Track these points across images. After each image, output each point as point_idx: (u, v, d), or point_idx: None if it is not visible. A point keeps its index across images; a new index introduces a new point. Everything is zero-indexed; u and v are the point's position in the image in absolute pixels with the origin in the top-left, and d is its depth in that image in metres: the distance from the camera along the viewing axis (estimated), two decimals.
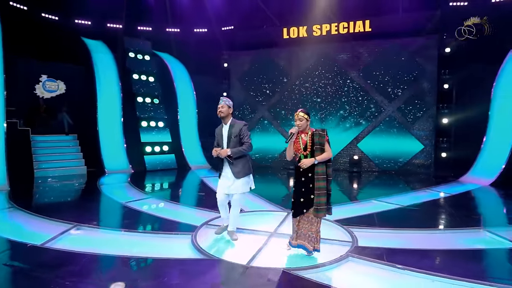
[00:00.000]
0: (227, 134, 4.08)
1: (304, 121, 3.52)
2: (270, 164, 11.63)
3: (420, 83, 9.90)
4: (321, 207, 3.46)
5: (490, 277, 3.29)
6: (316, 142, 3.45)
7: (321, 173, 3.46)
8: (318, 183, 3.46)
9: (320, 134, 3.48)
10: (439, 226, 5.00)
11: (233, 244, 4.11)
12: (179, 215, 5.35)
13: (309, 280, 3.15)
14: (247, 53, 11.70)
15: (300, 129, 3.57)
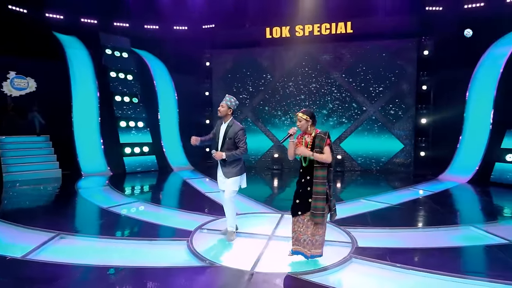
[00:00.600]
0: (223, 133, 4.04)
1: (303, 121, 3.42)
2: (254, 164, 11.53)
3: (400, 85, 10.19)
4: (318, 212, 3.34)
5: (489, 273, 3.38)
6: (316, 145, 3.35)
7: (320, 177, 3.33)
8: (317, 187, 3.34)
9: (322, 137, 3.36)
10: (430, 224, 5.11)
11: (232, 249, 3.98)
12: (168, 219, 5.13)
13: (317, 284, 3.09)
14: (229, 52, 11.53)
15: (302, 130, 3.49)
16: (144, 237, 4.26)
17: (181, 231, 4.51)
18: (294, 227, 3.59)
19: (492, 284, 3.10)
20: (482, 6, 10.19)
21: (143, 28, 12.32)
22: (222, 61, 11.58)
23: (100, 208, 5.82)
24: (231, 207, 4.17)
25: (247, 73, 11.40)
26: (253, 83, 11.37)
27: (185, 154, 11.26)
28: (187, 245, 3.98)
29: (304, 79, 10.98)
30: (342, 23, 10.81)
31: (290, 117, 11.13)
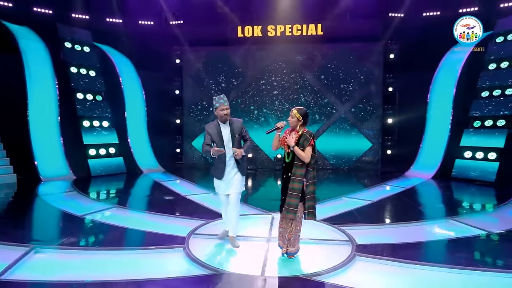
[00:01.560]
0: (229, 133, 3.85)
1: (295, 119, 3.51)
2: None
3: (369, 86, 10.66)
4: (290, 208, 3.44)
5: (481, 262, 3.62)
6: (300, 143, 3.42)
7: (298, 174, 3.42)
8: (293, 184, 3.44)
9: (307, 137, 3.43)
10: (414, 219, 5.33)
11: (234, 253, 3.82)
12: (154, 225, 4.80)
13: (333, 284, 3.07)
14: (200, 49, 11.20)
15: (291, 126, 3.55)
16: (133, 246, 3.93)
17: (172, 238, 4.23)
18: (280, 223, 3.66)
19: (491, 273, 3.31)
20: (438, 14, 11.02)
21: (104, 22, 11.50)
22: (193, 58, 11.21)
23: (73, 216, 5.28)
24: (238, 210, 4.00)
25: (220, 71, 11.16)
26: (226, 82, 11.16)
27: (154, 156, 10.72)
28: (185, 252, 3.75)
29: (278, 79, 11.03)
30: (313, 25, 11.02)
31: (263, 116, 11.11)
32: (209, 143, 3.87)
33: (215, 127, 3.89)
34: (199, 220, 4.96)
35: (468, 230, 4.65)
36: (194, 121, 11.34)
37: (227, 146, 3.83)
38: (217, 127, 3.88)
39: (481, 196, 7.17)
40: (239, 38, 11.27)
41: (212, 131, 3.86)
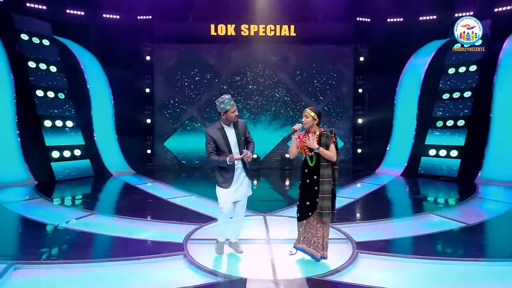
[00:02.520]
0: (234, 136, 3.56)
1: (310, 118, 3.41)
2: (198, 165, 11.04)
3: (340, 87, 11.03)
4: (325, 211, 3.36)
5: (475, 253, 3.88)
6: (322, 143, 3.34)
7: (326, 176, 3.35)
8: (323, 186, 3.35)
9: (328, 135, 3.36)
10: (399, 215, 5.61)
11: (238, 258, 3.71)
12: (142, 232, 4.52)
13: (348, 284, 3.10)
14: (172, 46, 10.79)
15: (306, 127, 3.46)
16: (127, 256, 3.65)
17: (166, 244, 4.00)
18: (305, 229, 3.54)
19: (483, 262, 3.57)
20: (401, 20, 11.71)
21: (64, 13, 10.63)
22: (165, 56, 10.78)
23: (48, 225, 4.80)
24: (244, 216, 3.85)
25: (193, 70, 10.85)
26: (200, 81, 10.89)
27: (124, 157, 10.14)
28: (187, 259, 3.57)
29: (252, 79, 10.99)
30: (286, 26, 11.15)
31: (239, 116, 10.98)
32: (215, 151, 3.49)
33: (219, 130, 3.52)
34: (191, 225, 4.76)
35: (449, 223, 4.98)
36: (166, 121, 10.91)
37: (234, 150, 3.53)
38: (221, 130, 3.52)
39: (450, 191, 7.74)
40: (212, 36, 11.06)
41: (216, 135, 3.49)
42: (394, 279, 3.22)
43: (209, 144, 3.51)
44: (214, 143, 3.49)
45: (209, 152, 3.50)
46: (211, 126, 3.60)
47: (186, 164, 10.97)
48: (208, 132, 3.54)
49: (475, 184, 8.07)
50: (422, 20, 11.53)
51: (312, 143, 3.31)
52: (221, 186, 3.55)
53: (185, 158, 10.99)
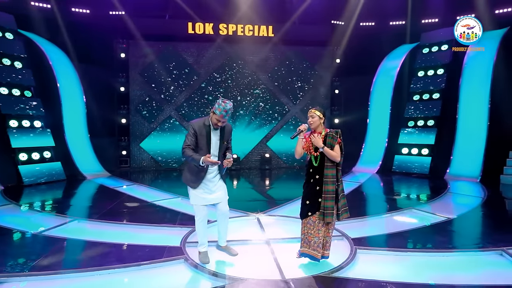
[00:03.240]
0: (218, 139, 3.36)
1: (316, 118, 3.40)
2: (177, 167, 10.79)
3: (318, 88, 11.29)
4: (328, 211, 3.35)
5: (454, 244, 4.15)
6: (327, 144, 3.35)
7: (330, 176, 3.35)
8: (327, 186, 3.35)
9: (333, 136, 3.38)
10: (384, 211, 5.82)
11: (241, 259, 3.66)
12: (134, 237, 4.36)
13: (357, 279, 3.18)
14: (149, 44, 10.43)
15: (312, 127, 3.46)
16: (124, 264, 3.48)
17: (163, 249, 3.87)
18: (304, 229, 3.56)
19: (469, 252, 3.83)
20: (373, 25, 12.24)
21: (28, 5, 9.91)
22: (141, 53, 10.40)
23: (29, 234, 4.45)
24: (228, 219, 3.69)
25: (171, 68, 10.58)
26: (178, 80, 10.63)
27: (97, 159, 9.65)
28: (189, 263, 3.48)
29: (232, 78, 10.93)
30: (264, 26, 11.22)
31: None
32: (193, 146, 3.22)
33: (205, 127, 3.27)
34: (185, 228, 4.64)
35: (432, 217, 5.28)
36: (143, 121, 10.54)
37: (213, 152, 3.32)
38: (207, 127, 3.27)
39: (425, 187, 8.17)
40: (189, 34, 10.85)
41: (200, 131, 3.25)
42: (395, 272, 3.36)
43: (190, 136, 3.23)
44: (195, 137, 3.25)
45: (186, 144, 3.20)
46: (198, 119, 3.35)
47: (164, 166, 10.67)
48: (193, 124, 3.28)
49: (445, 180, 8.64)
50: (392, 25, 12.12)
51: (318, 142, 3.31)
52: (190, 185, 3.37)
53: (162, 159, 10.68)
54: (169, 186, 8.19)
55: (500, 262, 3.69)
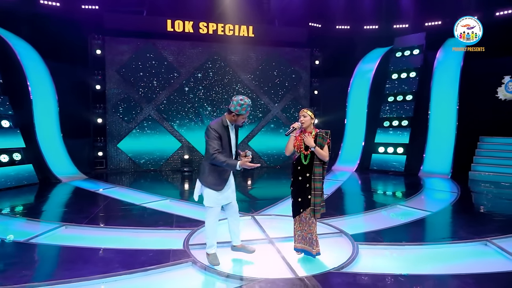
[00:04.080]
0: (235, 136, 3.49)
1: (308, 118, 3.51)
2: (160, 167, 10.50)
3: (298, 88, 11.50)
4: (317, 207, 3.50)
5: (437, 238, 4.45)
6: (318, 144, 3.48)
7: (317, 174, 3.49)
8: (315, 183, 3.48)
9: (323, 136, 3.51)
10: (369, 208, 6.07)
11: (249, 260, 3.68)
12: (132, 241, 4.22)
13: (363, 273, 3.30)
14: (127, 40, 10.04)
15: (304, 126, 3.54)
16: (130, 269, 3.36)
17: (167, 252, 3.78)
18: (299, 225, 3.67)
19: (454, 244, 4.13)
20: (348, 28, 12.67)
21: None
22: (118, 50, 9.98)
23: (14, 243, 4.14)
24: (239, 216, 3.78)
25: (150, 66, 10.25)
26: (158, 78, 10.33)
27: (72, 161, 9.14)
28: (199, 267, 3.43)
29: (213, 78, 10.82)
30: (245, 26, 11.22)
31: (199, 116, 10.72)
32: (220, 149, 3.24)
33: (225, 128, 3.32)
34: (183, 230, 4.56)
35: (417, 212, 5.60)
36: (120, 121, 10.12)
37: (233, 150, 3.43)
38: (226, 128, 3.33)
39: (403, 184, 8.62)
40: (168, 32, 10.60)
41: (222, 131, 3.28)
42: (396, 265, 3.54)
43: (215, 140, 3.22)
44: (220, 140, 3.27)
45: (215, 149, 3.20)
46: (215, 122, 3.33)
47: (143, 167, 10.33)
48: (214, 127, 3.25)
49: (419, 177, 9.18)
50: (366, 29, 12.65)
51: (310, 141, 3.42)
52: (213, 188, 3.35)
53: (141, 160, 10.34)
54: (153, 187, 7.96)
55: (486, 252, 4.02)
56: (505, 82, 9.78)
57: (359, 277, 3.24)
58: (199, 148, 10.71)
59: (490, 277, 3.29)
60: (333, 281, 3.17)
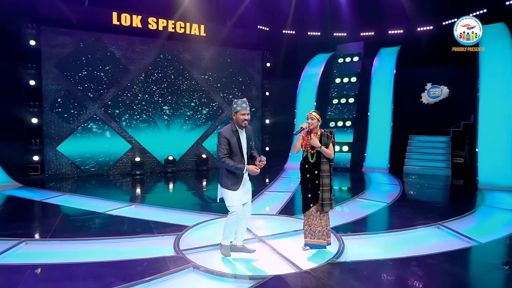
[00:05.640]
0: (245, 140, 3.65)
1: (316, 120, 3.81)
2: (105, 172, 9.67)
3: (251, 89, 11.71)
4: (326, 202, 3.82)
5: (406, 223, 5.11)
6: (323, 142, 3.78)
7: (326, 171, 3.81)
8: (324, 180, 3.80)
9: (328, 136, 3.81)
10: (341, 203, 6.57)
11: (248, 259, 3.76)
12: (115, 252, 3.95)
13: (358, 261, 3.65)
14: (68, 32, 8.98)
15: (311, 128, 3.82)
16: (130, 281, 3.16)
17: (162, 260, 3.65)
18: (308, 220, 3.93)
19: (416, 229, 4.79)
20: (294, 33, 13.37)
21: None
22: (57, 42, 8.89)
23: None
24: None
25: (95, 62, 9.37)
26: (103, 75, 9.50)
27: (2, 167, 7.92)
28: (203, 271, 3.39)
29: (165, 76, 10.37)
30: (196, 25, 11.02)
31: (150, 116, 10.17)
32: (228, 154, 3.51)
33: (234, 133, 3.54)
34: (167, 236, 4.40)
35: (376, 204, 6.27)
36: (59, 121, 9.06)
37: (245, 154, 3.61)
38: (236, 133, 3.55)
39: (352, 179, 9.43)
40: (114, 25, 9.85)
41: (231, 138, 3.51)
42: (375, 251, 3.98)
43: (223, 146, 3.49)
44: (228, 145, 3.50)
45: (223, 154, 3.49)
46: (225, 128, 3.59)
47: (87, 172, 9.42)
48: (223, 133, 3.52)
49: (363, 172, 10.18)
50: (310, 35, 13.49)
51: (316, 142, 3.71)
52: (230, 188, 3.58)
53: (85, 164, 9.42)
54: (108, 194, 7.37)
55: (440, 234, 4.74)
56: (427, 89, 11.43)
57: (355, 265, 3.58)
58: (151, 149, 10.19)
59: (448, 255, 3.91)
60: (334, 271, 3.43)
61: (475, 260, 4.10)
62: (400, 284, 3.26)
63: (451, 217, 5.31)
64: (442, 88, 11.21)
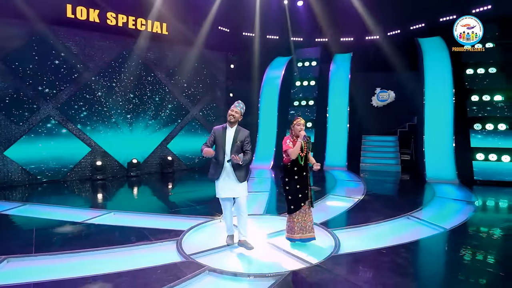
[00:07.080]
0: (232, 138, 3.94)
1: (303, 127, 4.19)
2: (61, 178, 8.88)
3: (215, 91, 11.69)
4: (312, 199, 4.33)
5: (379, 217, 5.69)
6: (308, 147, 4.24)
7: (309, 172, 4.27)
8: (309, 180, 4.26)
9: (308, 140, 4.31)
10: None
11: (252, 258, 3.93)
12: (119, 262, 3.82)
13: (353, 253, 4.03)
14: (16, 23, 8.03)
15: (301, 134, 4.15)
16: None
17: (174, 266, 3.63)
18: (298, 218, 4.24)
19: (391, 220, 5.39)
20: (253, 36, 13.67)
21: None
22: (3, 34, 7.91)
23: None
24: (246, 213, 4.09)
25: (49, 57, 8.53)
26: (59, 73, 8.69)
27: None
28: (219, 273, 3.46)
29: (126, 75, 9.84)
30: (158, 23, 10.67)
31: (111, 117, 9.59)
32: (209, 144, 3.93)
33: (223, 129, 4.01)
34: (166, 242, 4.34)
35: (348, 199, 6.83)
36: (7, 122, 8.08)
37: (227, 149, 3.91)
38: (224, 130, 4.00)
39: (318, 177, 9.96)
40: (69, 18, 9.09)
41: (218, 132, 3.99)
42: (366, 242, 4.41)
43: (209, 137, 4.03)
44: (213, 137, 3.99)
45: (204, 143, 3.95)
46: (220, 125, 4.12)
47: (41, 178, 8.56)
48: (214, 128, 4.08)
49: (325, 170, 10.87)
50: (269, 38, 13.92)
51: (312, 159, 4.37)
52: (211, 177, 4.07)
53: (39, 170, 8.54)
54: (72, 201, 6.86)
55: (410, 223, 5.40)
56: (377, 93, 12.60)
57: (356, 255, 3.95)
58: (113, 152, 9.63)
59: (426, 241, 4.52)
60: (341, 262, 3.76)
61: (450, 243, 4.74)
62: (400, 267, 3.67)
63: (414, 208, 6.05)
64: (389, 92, 12.47)
